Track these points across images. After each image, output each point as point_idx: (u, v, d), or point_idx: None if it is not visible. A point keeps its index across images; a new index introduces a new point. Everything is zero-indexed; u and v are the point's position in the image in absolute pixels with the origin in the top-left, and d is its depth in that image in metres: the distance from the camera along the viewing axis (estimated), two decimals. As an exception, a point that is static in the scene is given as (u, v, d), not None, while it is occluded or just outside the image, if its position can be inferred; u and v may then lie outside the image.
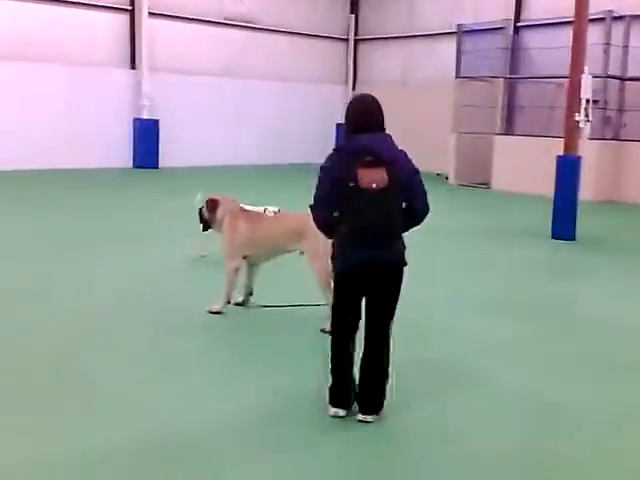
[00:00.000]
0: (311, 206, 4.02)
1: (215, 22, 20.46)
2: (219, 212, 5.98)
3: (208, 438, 3.75)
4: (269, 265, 6.25)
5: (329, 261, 5.26)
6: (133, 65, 19.14)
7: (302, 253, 5.79)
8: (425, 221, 4.06)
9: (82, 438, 3.71)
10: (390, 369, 4.02)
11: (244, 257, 5.92)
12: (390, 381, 4.03)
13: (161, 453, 3.58)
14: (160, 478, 3.37)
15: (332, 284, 5.44)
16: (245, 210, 6.12)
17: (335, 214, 3.88)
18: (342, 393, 4.02)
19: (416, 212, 3.95)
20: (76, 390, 4.36)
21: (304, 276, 5.79)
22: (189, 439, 3.72)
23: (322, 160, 3.96)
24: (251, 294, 6.16)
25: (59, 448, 3.59)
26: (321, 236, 5.41)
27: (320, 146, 23.63)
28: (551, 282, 7.85)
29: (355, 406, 4.03)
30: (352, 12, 23.53)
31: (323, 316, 5.55)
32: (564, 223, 10.22)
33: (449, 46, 19.30)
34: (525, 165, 15.95)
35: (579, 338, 5.75)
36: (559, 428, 4.06)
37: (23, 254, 8.12)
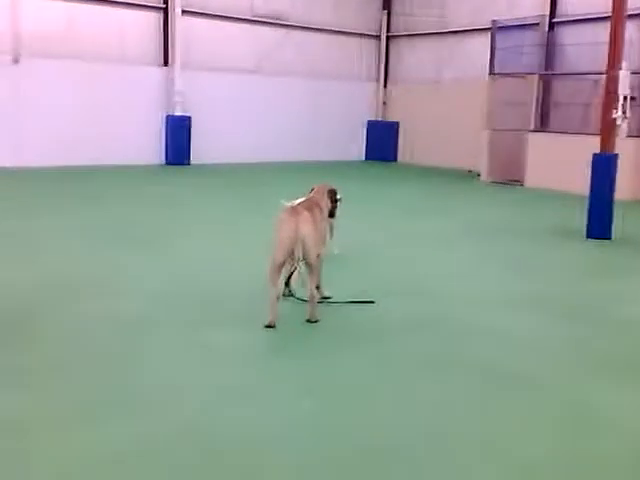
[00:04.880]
0: None
1: (246, 19, 20.52)
2: None
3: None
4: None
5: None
6: (166, 62, 19.29)
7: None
8: (458, 218, 3.99)
9: (125, 433, 3.74)
10: None
11: None
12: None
13: (201, 447, 3.59)
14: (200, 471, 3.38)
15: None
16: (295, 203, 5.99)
17: None
18: None
19: None
20: (120, 385, 4.40)
21: (353, 273, 5.74)
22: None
23: (352, 158, 3.89)
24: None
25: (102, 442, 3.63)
26: (279, 232, 5.43)
27: (350, 144, 23.76)
28: (586, 282, 7.69)
29: None
30: (384, 8, 23.39)
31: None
32: (600, 222, 10.01)
33: (482, 42, 19.08)
34: (559, 162, 15.69)
35: (615, 338, 5.62)
36: None
37: (63, 252, 8.17)
